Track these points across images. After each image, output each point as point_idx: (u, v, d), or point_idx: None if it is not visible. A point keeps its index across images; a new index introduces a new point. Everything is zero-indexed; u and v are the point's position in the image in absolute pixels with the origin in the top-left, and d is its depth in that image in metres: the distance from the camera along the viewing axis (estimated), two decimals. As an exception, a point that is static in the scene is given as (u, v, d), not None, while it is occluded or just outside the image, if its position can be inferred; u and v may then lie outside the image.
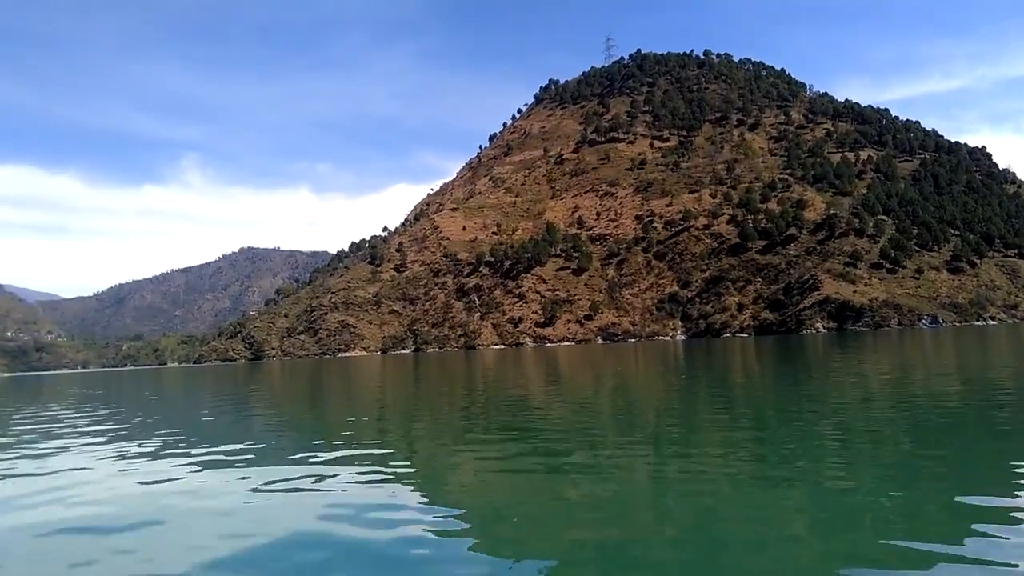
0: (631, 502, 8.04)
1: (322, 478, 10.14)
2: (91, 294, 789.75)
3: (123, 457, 13.43)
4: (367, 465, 11.03)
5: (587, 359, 59.56)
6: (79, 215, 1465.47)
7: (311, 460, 11.79)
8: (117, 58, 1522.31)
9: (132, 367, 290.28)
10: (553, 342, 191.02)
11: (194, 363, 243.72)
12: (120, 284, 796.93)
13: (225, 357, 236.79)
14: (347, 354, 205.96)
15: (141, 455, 13.55)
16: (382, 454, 12.15)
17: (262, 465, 11.70)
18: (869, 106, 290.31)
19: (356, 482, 9.81)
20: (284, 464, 11.64)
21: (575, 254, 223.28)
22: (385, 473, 10.33)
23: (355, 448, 12.92)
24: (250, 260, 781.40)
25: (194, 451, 13.75)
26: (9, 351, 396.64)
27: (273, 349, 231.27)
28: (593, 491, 8.61)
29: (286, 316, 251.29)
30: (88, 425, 20.38)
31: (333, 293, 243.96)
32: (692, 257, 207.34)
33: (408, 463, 11.33)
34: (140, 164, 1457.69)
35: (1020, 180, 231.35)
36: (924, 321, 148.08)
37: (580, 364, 50.16)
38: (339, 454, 12.28)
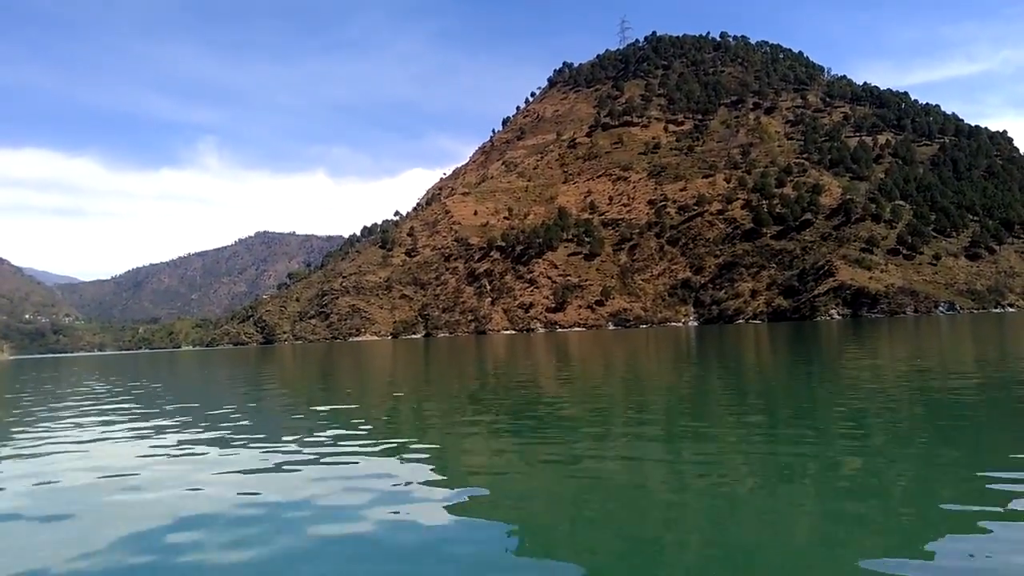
0: (644, 492, 7.83)
1: (325, 463, 9.98)
2: (109, 277, 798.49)
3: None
4: (373, 449, 10.92)
5: (598, 345, 58.54)
6: (98, 198, 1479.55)
7: (314, 446, 11.48)
8: (137, 42, 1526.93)
9: (147, 350, 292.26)
10: (564, 328, 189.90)
11: (206, 346, 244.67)
12: (138, 268, 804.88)
13: (237, 341, 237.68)
14: (358, 338, 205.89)
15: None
16: (391, 439, 11.92)
17: (259, 447, 11.57)
18: (888, 89, 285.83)
19: (361, 461, 9.89)
20: (288, 445, 11.55)
21: (587, 239, 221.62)
22: (394, 457, 10.19)
23: (363, 434, 12.64)
24: (266, 244, 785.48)
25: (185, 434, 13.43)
26: (27, 333, 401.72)
27: (285, 333, 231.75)
28: (606, 480, 8.41)
29: (297, 300, 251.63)
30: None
31: (344, 277, 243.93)
32: (705, 242, 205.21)
33: (417, 448, 11.07)
34: (158, 147, 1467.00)
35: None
36: (941, 308, 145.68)
37: (591, 350, 49.15)
38: (346, 440, 11.94)
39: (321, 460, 10.04)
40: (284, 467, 9.69)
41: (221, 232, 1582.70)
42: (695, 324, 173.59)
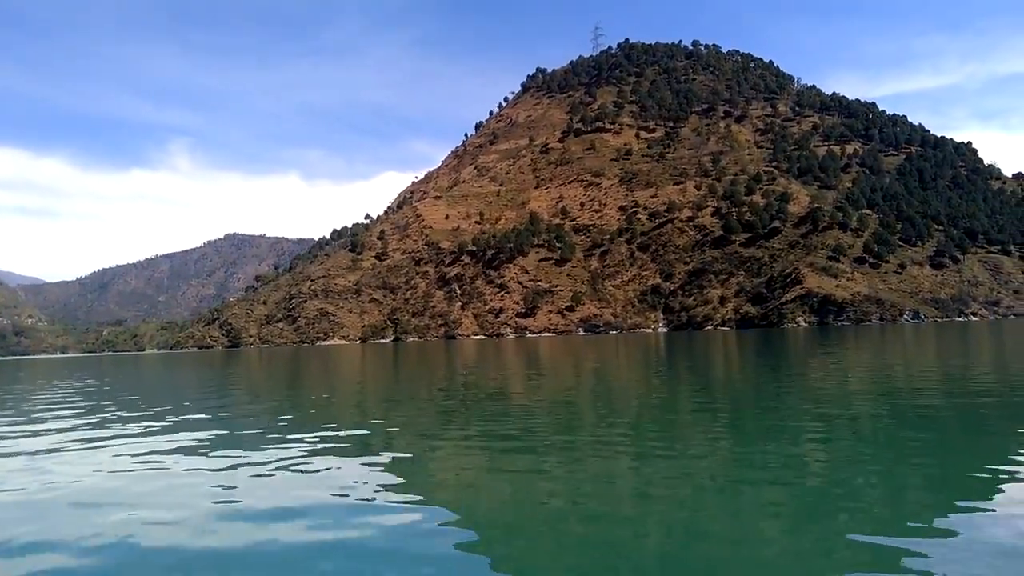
0: (612, 496, 7.78)
1: (287, 467, 9.84)
2: (74, 279, 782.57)
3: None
4: (341, 456, 10.68)
5: (569, 351, 57.87)
6: (66, 199, 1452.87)
7: (277, 452, 11.21)
8: (109, 42, 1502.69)
9: (111, 353, 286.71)
10: (534, 333, 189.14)
11: (171, 350, 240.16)
12: (104, 269, 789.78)
13: (202, 344, 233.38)
14: (326, 343, 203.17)
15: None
16: (358, 446, 11.64)
17: (225, 454, 11.24)
18: (856, 100, 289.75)
19: (328, 470, 9.59)
20: (252, 452, 11.22)
21: (558, 244, 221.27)
22: (359, 464, 9.96)
23: (329, 439, 12.36)
24: (236, 246, 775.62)
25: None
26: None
27: (251, 337, 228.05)
28: (573, 486, 8.31)
29: (264, 303, 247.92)
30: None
31: (313, 281, 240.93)
32: (675, 249, 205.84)
33: (384, 455, 10.84)
34: (129, 148, 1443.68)
35: (1005, 176, 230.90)
36: (906, 316, 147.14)
37: (562, 356, 48.42)
38: (312, 444, 11.77)
39: (283, 468, 9.74)
40: (244, 475, 9.40)
41: (190, 234, 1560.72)
42: (664, 330, 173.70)
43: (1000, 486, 7.36)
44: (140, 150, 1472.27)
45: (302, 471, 9.48)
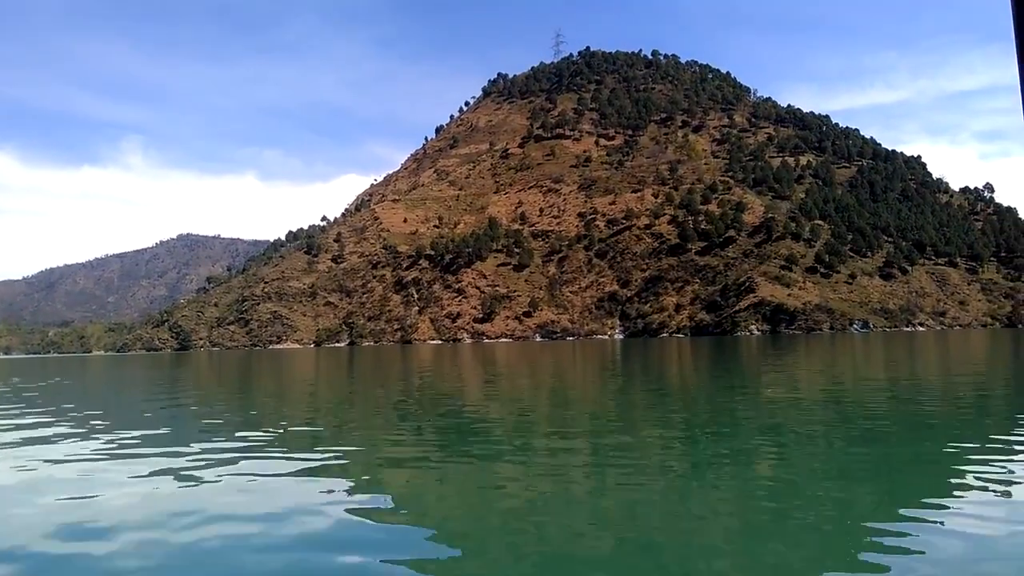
0: (564, 504, 7.76)
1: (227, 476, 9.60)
2: (20, 277, 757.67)
3: None
4: (290, 462, 10.36)
5: (526, 357, 57.74)
6: (12, 195, 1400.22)
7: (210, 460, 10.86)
8: (61, 36, 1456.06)
9: (56, 354, 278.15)
10: (491, 338, 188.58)
11: (118, 352, 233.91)
12: (51, 268, 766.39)
13: (151, 347, 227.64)
14: (279, 346, 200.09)
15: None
16: (309, 453, 11.35)
17: (165, 459, 10.89)
18: (810, 112, 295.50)
19: (274, 478, 9.35)
20: (192, 462, 10.65)
21: (517, 250, 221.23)
22: (310, 473, 9.70)
23: (278, 448, 11.95)
24: (188, 247, 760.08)
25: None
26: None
27: (201, 339, 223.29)
28: (526, 493, 8.34)
29: (216, 305, 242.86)
30: None
31: (267, 283, 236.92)
32: (633, 256, 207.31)
33: (336, 460, 10.72)
34: (80, 145, 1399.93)
35: (953, 190, 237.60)
36: (855, 326, 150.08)
37: (519, 362, 48.26)
38: (259, 454, 11.29)
39: (229, 476, 9.43)
40: (185, 483, 9.05)
41: (142, 234, 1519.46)
42: (620, 337, 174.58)
43: (944, 494, 7.53)
44: (92, 147, 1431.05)
45: (240, 482, 9.11)
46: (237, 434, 13.36)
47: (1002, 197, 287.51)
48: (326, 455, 11.07)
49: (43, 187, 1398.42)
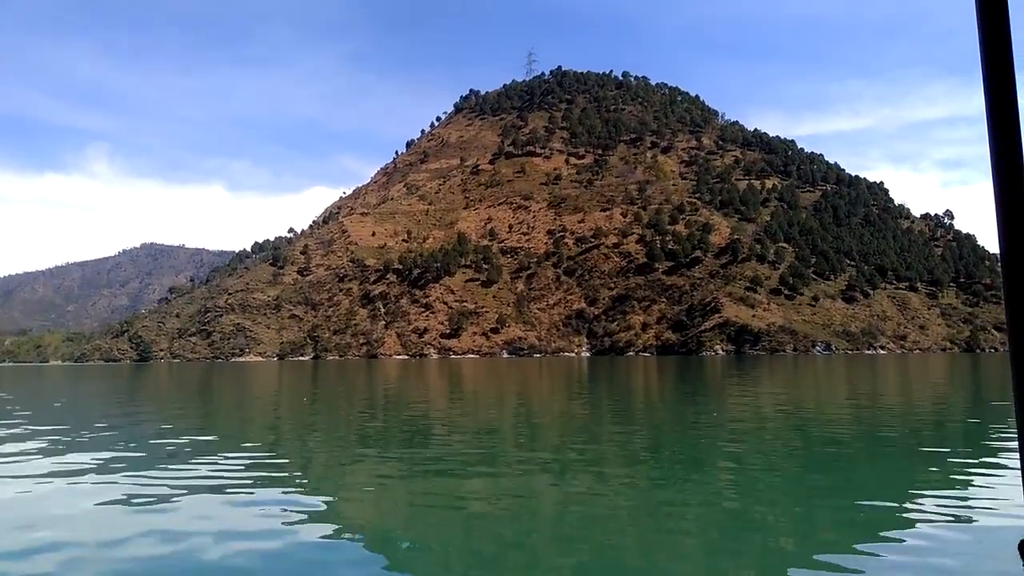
0: (530, 522, 7.81)
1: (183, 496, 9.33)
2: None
3: None
4: (251, 484, 10.12)
5: (493, 374, 57.40)
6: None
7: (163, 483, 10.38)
8: (25, 40, 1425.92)
9: (11, 364, 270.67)
10: (458, 354, 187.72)
11: (75, 362, 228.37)
12: (9, 276, 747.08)
13: (109, 357, 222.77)
14: (241, 359, 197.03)
15: None
16: (270, 473, 11.25)
17: (119, 476, 10.77)
18: (776, 137, 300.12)
19: (236, 498, 9.14)
20: (153, 480, 10.44)
21: (485, 266, 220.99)
22: (271, 492, 9.53)
23: (234, 464, 11.81)
24: (152, 257, 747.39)
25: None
26: None
27: (162, 351, 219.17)
28: (492, 513, 8.34)
29: (178, 316, 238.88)
30: None
31: (230, 294, 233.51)
32: (601, 274, 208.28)
33: (298, 480, 10.56)
34: (43, 151, 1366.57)
35: (914, 216, 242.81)
36: (818, 348, 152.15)
37: (485, 380, 47.90)
38: (221, 474, 10.98)
39: (189, 494, 9.27)
40: (148, 502, 8.85)
41: (104, 242, 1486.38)
42: (587, 355, 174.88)
43: (902, 515, 7.73)
44: (55, 153, 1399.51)
45: (196, 502, 8.87)
46: (188, 455, 13.05)
47: (962, 224, 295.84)
48: (283, 476, 10.89)
49: (2, 193, 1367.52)
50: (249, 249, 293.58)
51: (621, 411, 22.35)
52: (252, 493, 9.36)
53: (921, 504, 8.10)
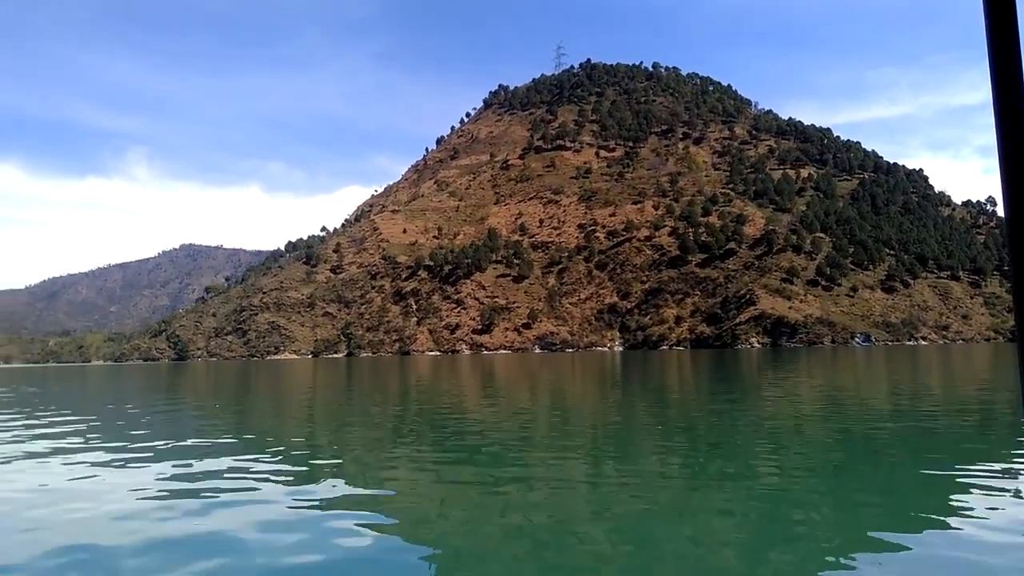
0: (567, 520, 7.67)
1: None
2: (23, 287, 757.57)
3: None
4: (289, 478, 10.13)
5: (525, 370, 56.73)
6: (17, 205, 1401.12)
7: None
8: (66, 47, 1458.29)
9: (55, 364, 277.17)
10: (490, 350, 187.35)
11: (115, 361, 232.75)
12: (54, 278, 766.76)
13: (148, 356, 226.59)
14: (276, 357, 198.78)
15: None
16: (308, 469, 11.13)
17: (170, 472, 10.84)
18: (811, 125, 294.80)
19: (275, 489, 9.27)
20: (193, 473, 10.70)
21: (516, 261, 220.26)
22: (312, 486, 9.58)
23: (278, 462, 11.70)
24: (191, 257, 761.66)
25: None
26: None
27: (199, 349, 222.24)
28: (529, 510, 8.18)
29: (214, 316, 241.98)
30: None
31: (265, 293, 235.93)
32: (633, 268, 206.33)
33: (336, 475, 10.56)
34: (85, 155, 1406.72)
35: (955, 203, 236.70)
36: (857, 339, 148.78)
37: (519, 375, 47.36)
38: (254, 468, 11.04)
39: (229, 489, 9.27)
40: (190, 495, 8.96)
41: (145, 244, 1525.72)
42: (620, 349, 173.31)
43: (947, 513, 7.38)
44: (97, 157, 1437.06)
45: (238, 496, 8.90)
46: (225, 453, 12.68)
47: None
48: (322, 472, 10.79)
49: (48, 197, 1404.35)
50: (283, 248, 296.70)
51: (656, 408, 21.52)
52: (291, 485, 9.52)
53: (966, 502, 7.71)
